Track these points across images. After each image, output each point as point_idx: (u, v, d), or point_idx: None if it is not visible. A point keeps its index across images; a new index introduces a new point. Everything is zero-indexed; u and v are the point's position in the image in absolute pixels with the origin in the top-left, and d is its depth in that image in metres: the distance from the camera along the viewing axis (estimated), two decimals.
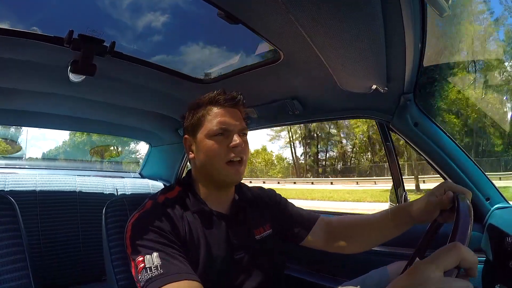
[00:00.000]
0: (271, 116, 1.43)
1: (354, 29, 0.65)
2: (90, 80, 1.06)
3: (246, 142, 0.82)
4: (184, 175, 0.92)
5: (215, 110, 0.81)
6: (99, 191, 1.71)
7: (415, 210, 0.74)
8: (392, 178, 1.31)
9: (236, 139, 0.78)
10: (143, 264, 0.64)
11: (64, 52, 0.93)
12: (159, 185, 1.98)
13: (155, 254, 0.65)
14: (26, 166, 2.04)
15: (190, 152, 0.86)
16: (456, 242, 0.42)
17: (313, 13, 0.62)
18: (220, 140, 0.78)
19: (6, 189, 1.45)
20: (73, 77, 1.03)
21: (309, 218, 0.94)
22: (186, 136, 0.87)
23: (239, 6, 0.71)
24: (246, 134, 0.84)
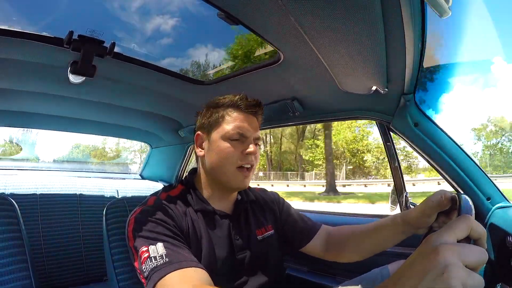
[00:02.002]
0: (271, 117, 1.43)
1: (354, 30, 0.65)
2: (90, 81, 1.06)
3: (258, 151, 0.83)
4: (185, 175, 0.93)
5: (235, 114, 0.81)
6: (100, 193, 1.71)
7: (413, 216, 0.73)
8: (393, 179, 1.30)
9: (252, 147, 0.79)
10: (147, 254, 0.63)
11: (63, 53, 0.93)
12: (159, 186, 1.98)
13: (159, 244, 0.65)
14: (27, 168, 2.04)
15: (200, 150, 0.85)
16: (464, 214, 0.42)
17: (313, 14, 0.62)
18: (235, 145, 0.79)
19: (6, 192, 1.45)
20: (73, 78, 1.03)
21: (312, 227, 0.94)
22: (199, 132, 0.86)
23: (239, 6, 0.71)
24: (259, 145, 0.85)
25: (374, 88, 0.96)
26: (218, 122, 0.81)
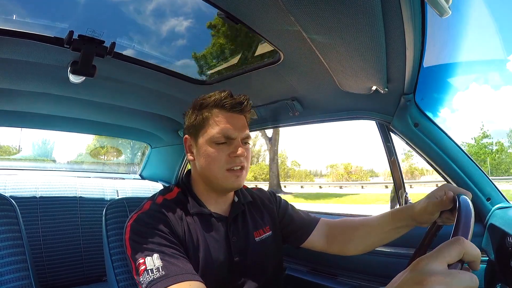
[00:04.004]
0: (271, 117, 1.43)
1: (354, 30, 0.65)
2: (90, 81, 1.06)
3: (248, 150, 0.80)
4: (181, 177, 0.92)
5: (220, 115, 0.78)
6: (100, 193, 1.71)
7: (416, 211, 0.74)
8: (393, 179, 1.30)
9: (239, 150, 0.76)
10: (144, 267, 0.63)
11: (64, 53, 0.93)
12: (159, 186, 1.98)
13: (155, 255, 0.64)
14: (26, 168, 2.04)
15: (190, 154, 0.83)
16: (459, 236, 0.42)
17: (313, 14, 0.62)
18: (222, 148, 0.76)
19: (6, 193, 1.44)
20: (73, 78, 1.03)
21: (310, 221, 0.93)
22: (186, 136, 0.85)
23: (239, 6, 0.71)
24: (249, 143, 0.82)
25: (374, 88, 0.96)
26: (203, 125, 0.79)
